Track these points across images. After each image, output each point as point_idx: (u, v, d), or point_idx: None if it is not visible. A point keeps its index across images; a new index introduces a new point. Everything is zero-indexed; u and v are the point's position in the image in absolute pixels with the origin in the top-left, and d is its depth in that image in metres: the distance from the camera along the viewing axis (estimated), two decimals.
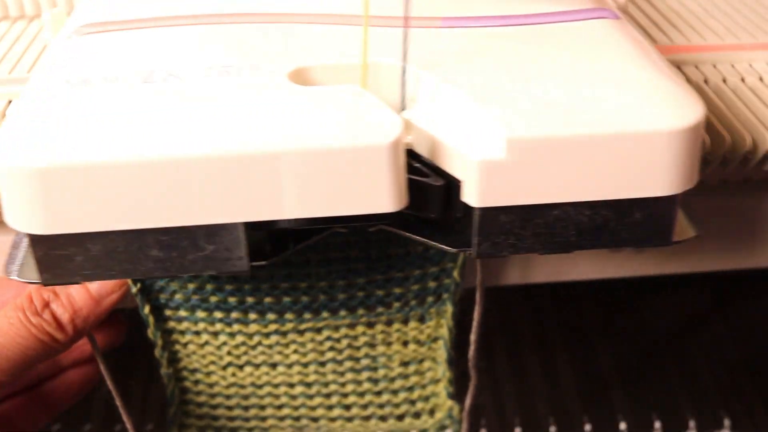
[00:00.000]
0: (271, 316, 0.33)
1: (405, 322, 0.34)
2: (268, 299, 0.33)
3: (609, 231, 0.24)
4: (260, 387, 0.35)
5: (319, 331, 0.34)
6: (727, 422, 0.53)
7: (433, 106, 0.23)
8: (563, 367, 0.57)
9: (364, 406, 0.36)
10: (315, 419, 0.37)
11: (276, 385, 0.35)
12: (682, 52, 0.37)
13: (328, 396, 0.36)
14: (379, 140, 0.21)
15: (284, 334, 0.34)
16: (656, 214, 0.24)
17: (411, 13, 0.26)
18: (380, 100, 0.23)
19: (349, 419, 0.37)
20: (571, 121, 0.22)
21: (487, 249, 0.24)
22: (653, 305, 0.60)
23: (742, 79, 0.35)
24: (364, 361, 0.35)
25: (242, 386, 0.35)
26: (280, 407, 0.36)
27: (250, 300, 0.33)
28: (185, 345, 0.34)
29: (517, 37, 0.26)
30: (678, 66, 0.36)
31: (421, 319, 0.34)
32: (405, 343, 0.35)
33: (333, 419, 0.37)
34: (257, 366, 0.35)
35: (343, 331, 0.34)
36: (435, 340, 0.35)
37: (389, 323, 0.34)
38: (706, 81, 0.35)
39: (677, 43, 0.38)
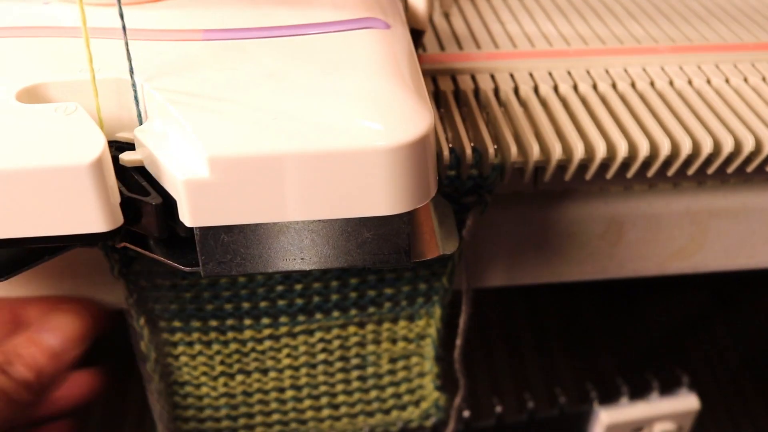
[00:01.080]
0: (265, 320, 0.33)
1: (395, 321, 0.35)
2: (263, 303, 0.33)
3: (340, 251, 0.24)
4: (251, 395, 0.35)
5: (311, 333, 0.34)
6: (727, 422, 0.53)
7: (160, 123, 0.23)
8: (563, 367, 0.57)
9: (353, 404, 0.37)
10: (303, 422, 0.37)
11: (266, 392, 0.35)
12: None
13: (317, 398, 0.36)
14: (77, 160, 0.21)
15: (277, 338, 0.34)
16: (387, 233, 0.23)
17: (174, 25, 0.26)
18: (112, 117, 0.23)
19: (337, 418, 0.37)
20: (279, 139, 0.21)
21: (214, 268, 0.24)
22: (654, 306, 0.60)
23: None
24: (354, 361, 0.35)
25: (232, 396, 0.35)
26: (269, 414, 0.36)
27: (246, 305, 0.33)
28: (177, 357, 0.34)
29: (266, 49, 0.25)
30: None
31: (411, 319, 0.35)
32: (394, 341, 0.35)
33: (321, 420, 0.37)
34: (249, 374, 0.35)
35: (335, 332, 0.34)
36: (423, 337, 0.35)
37: (380, 323, 0.35)
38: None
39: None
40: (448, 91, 0.33)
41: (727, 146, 0.31)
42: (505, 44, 0.37)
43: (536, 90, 0.34)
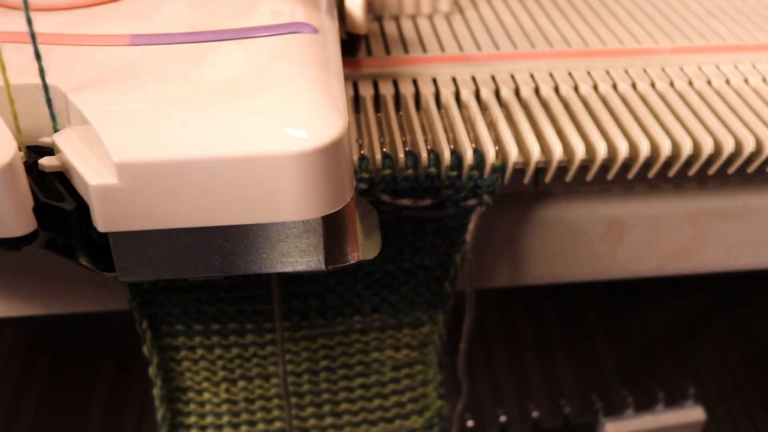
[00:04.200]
0: (267, 324, 0.33)
1: (398, 328, 0.34)
2: (264, 306, 0.33)
3: (254, 255, 0.24)
4: (253, 401, 0.35)
5: (313, 339, 0.34)
6: (727, 422, 0.53)
7: (76, 128, 0.23)
8: (563, 368, 0.56)
9: (356, 413, 0.36)
10: (306, 429, 0.36)
11: (269, 398, 0.35)
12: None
13: (320, 405, 0.36)
14: None
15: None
16: (302, 238, 0.23)
17: (104, 30, 0.26)
18: (34, 122, 0.23)
19: (340, 427, 0.37)
20: (187, 145, 0.21)
21: (130, 273, 0.24)
22: (654, 306, 0.60)
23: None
24: (357, 368, 0.35)
25: (234, 402, 0.35)
26: (271, 421, 0.36)
27: (246, 308, 0.33)
28: (179, 362, 0.34)
29: (190, 54, 0.25)
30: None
31: (414, 326, 0.35)
32: (397, 349, 0.35)
33: (324, 428, 0.36)
34: (251, 379, 0.35)
35: (338, 338, 0.34)
36: (427, 345, 0.35)
37: (382, 330, 0.35)
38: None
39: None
40: (449, 93, 0.33)
41: (728, 147, 0.31)
42: (505, 45, 0.37)
43: (537, 91, 0.34)
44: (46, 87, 0.23)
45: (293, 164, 0.21)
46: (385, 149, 0.30)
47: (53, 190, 0.23)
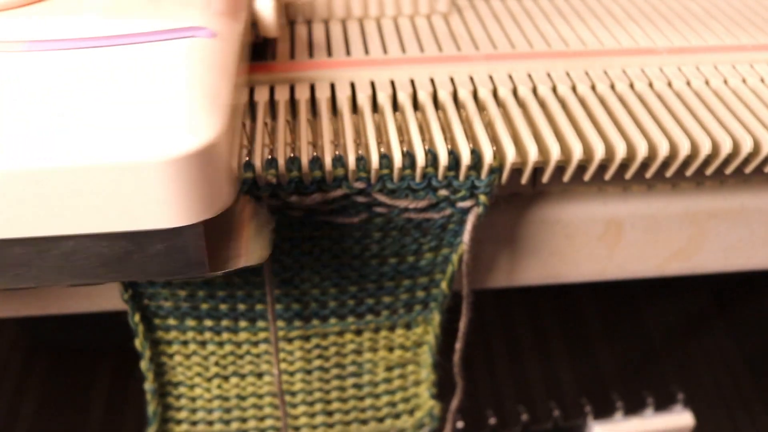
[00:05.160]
0: (261, 323, 0.33)
1: (392, 329, 0.35)
2: (259, 306, 0.33)
3: (135, 262, 0.24)
4: (244, 398, 0.36)
5: (307, 338, 0.34)
6: (727, 422, 0.53)
7: None
8: (563, 370, 0.57)
9: (347, 412, 0.37)
10: (297, 428, 0.37)
11: (261, 396, 0.36)
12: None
13: (311, 404, 0.36)
14: None
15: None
16: (178, 245, 0.23)
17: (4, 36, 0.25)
18: None
19: (331, 425, 0.37)
20: (60, 153, 0.21)
21: (9, 280, 0.24)
22: (654, 306, 0.60)
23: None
24: (350, 368, 0.35)
25: (226, 398, 0.35)
26: (263, 419, 0.36)
27: (241, 307, 0.33)
28: (171, 356, 0.34)
29: (79, 61, 0.25)
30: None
31: (408, 326, 0.35)
32: (390, 349, 0.35)
33: (315, 427, 0.37)
34: (243, 377, 0.35)
35: (332, 338, 0.34)
36: (420, 345, 0.35)
37: (377, 330, 0.35)
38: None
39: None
40: (447, 92, 0.33)
41: (726, 147, 0.31)
42: (503, 45, 0.37)
43: (534, 91, 0.34)
44: None
45: (159, 171, 0.21)
46: (382, 149, 0.30)
47: None
